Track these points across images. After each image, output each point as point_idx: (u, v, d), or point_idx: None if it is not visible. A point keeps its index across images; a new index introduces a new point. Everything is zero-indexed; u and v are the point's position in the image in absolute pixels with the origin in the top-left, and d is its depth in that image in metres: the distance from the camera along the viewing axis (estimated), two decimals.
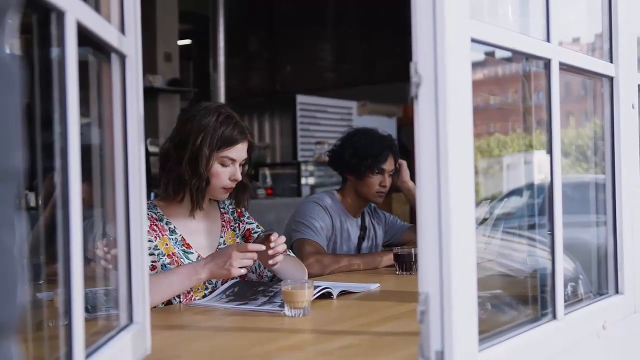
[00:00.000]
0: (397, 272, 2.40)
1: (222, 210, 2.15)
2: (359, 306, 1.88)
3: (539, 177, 1.48)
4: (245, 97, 8.65)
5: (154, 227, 1.95)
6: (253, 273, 2.12)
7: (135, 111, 1.22)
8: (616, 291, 1.61)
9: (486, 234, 1.60)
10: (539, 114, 1.42)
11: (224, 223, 2.13)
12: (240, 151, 2.00)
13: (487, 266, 1.50)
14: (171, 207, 2.02)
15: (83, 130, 0.93)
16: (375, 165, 2.69)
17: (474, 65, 1.09)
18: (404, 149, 3.96)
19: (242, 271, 1.83)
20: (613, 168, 1.61)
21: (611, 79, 1.61)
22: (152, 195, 2.91)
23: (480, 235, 1.46)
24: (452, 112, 1.01)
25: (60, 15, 0.88)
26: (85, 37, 0.96)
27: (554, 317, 1.34)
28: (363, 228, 2.83)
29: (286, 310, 1.67)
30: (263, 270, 2.11)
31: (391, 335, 1.51)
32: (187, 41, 8.31)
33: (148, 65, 6.43)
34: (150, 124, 6.16)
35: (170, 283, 1.82)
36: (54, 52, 0.89)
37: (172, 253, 1.96)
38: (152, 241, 1.92)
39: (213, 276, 1.84)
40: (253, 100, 8.71)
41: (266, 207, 5.81)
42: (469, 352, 1.04)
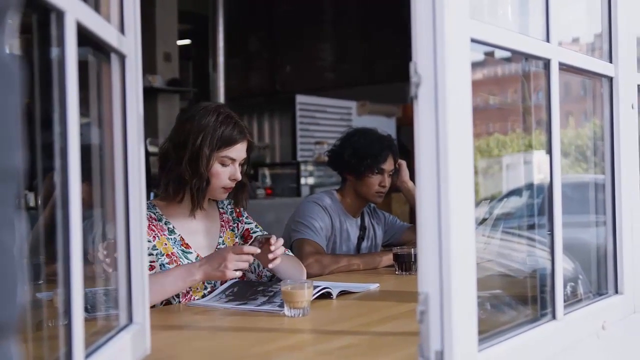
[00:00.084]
0: (397, 272, 2.40)
1: (221, 210, 2.15)
2: (359, 306, 1.88)
3: (539, 177, 1.48)
4: (244, 97, 8.64)
5: (152, 227, 1.95)
6: (252, 273, 2.12)
7: (134, 111, 1.22)
8: (616, 291, 1.61)
9: (486, 234, 1.60)
10: (539, 114, 1.42)
11: (223, 223, 2.13)
12: (240, 151, 2.00)
13: (487, 266, 1.50)
14: (170, 207, 2.03)
15: (83, 130, 0.93)
16: (374, 165, 2.69)
17: (474, 65, 1.09)
18: (404, 149, 3.96)
19: (237, 274, 1.83)
20: (613, 168, 1.61)
21: (611, 79, 1.61)
22: (152, 195, 2.90)
23: (480, 235, 1.46)
24: (452, 112, 1.01)
25: (60, 15, 0.88)
26: (85, 37, 0.96)
27: (554, 317, 1.34)
28: (362, 228, 2.82)
29: (286, 310, 1.67)
30: (262, 270, 2.11)
31: (391, 335, 1.51)
32: (187, 41, 8.30)
33: (148, 65, 6.43)
34: (149, 124, 6.16)
35: (165, 284, 1.82)
36: (54, 52, 0.89)
37: (171, 253, 1.96)
38: (150, 241, 1.92)
39: (208, 278, 1.85)
40: (253, 100, 8.70)
41: (266, 207, 5.81)
42: (469, 352, 1.04)
